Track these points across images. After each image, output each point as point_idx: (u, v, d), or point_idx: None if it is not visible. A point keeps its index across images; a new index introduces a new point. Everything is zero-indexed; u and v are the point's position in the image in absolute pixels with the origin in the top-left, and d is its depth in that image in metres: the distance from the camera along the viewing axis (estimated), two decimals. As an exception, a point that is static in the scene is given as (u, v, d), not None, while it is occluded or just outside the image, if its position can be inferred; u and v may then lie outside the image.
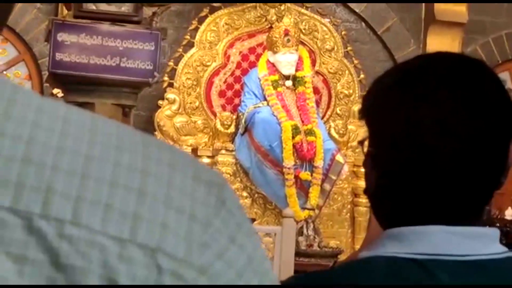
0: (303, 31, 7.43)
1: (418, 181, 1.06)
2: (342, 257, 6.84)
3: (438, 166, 1.05)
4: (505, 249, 1.09)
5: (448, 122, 1.04)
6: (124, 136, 0.54)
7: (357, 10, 7.81)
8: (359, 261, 1.11)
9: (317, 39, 7.51)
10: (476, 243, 1.07)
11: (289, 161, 6.83)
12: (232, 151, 7.03)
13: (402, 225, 1.07)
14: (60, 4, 6.44)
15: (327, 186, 6.94)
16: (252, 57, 7.37)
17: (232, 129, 7.05)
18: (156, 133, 7.01)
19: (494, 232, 1.11)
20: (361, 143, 1.17)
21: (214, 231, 0.52)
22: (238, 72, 7.36)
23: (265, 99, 7.02)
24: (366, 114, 1.14)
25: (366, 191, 1.14)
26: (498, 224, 2.78)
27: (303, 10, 7.53)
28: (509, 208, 7.52)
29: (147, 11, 5.72)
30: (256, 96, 7.06)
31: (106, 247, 0.49)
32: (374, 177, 1.11)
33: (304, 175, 6.85)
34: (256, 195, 7.08)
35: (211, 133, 7.18)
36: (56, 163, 0.50)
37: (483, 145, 1.06)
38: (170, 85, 7.25)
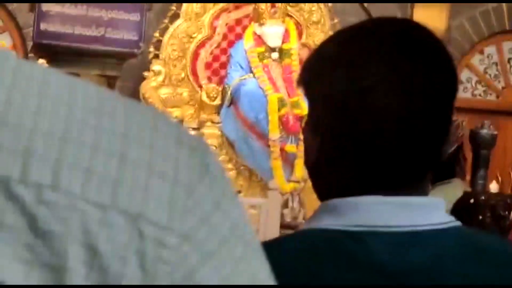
0: (290, 3, 7.38)
1: (357, 148, 1.03)
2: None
3: (374, 134, 1.02)
4: (448, 219, 1.06)
5: (380, 88, 1.01)
6: (104, 100, 0.52)
7: (344, -17, 7.77)
8: (294, 234, 1.10)
9: (304, 11, 7.48)
10: (413, 213, 1.04)
11: (274, 134, 6.82)
12: (218, 123, 7.01)
13: (338, 194, 1.04)
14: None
15: (312, 159, 6.93)
16: (238, 29, 7.33)
17: (218, 101, 7.03)
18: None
19: (435, 202, 1.07)
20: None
21: (198, 197, 0.51)
22: (224, 44, 7.32)
23: (251, 71, 7.00)
24: (306, 80, 1.10)
25: (306, 163, 1.12)
26: (483, 198, 2.80)
27: (290, -18, 7.48)
28: (494, 182, 7.56)
29: (133, -19, 5.68)
30: (242, 68, 7.03)
31: (86, 212, 0.47)
32: (314, 147, 1.08)
33: (290, 147, 6.85)
34: (241, 167, 7.07)
35: (196, 105, 7.15)
36: (34, 126, 0.48)
37: (419, 112, 1.03)
38: (156, 56, 7.21)
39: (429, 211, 1.05)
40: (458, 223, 1.07)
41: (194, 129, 6.97)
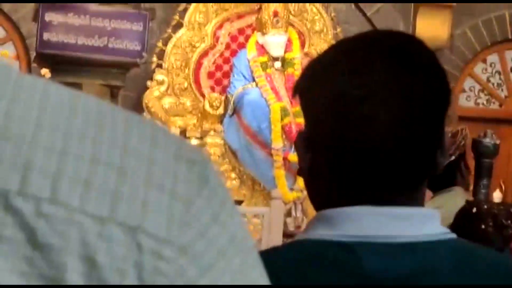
0: (293, 12, 7.39)
1: (349, 158, 1.04)
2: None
3: (370, 141, 1.02)
4: (442, 230, 1.06)
5: (380, 96, 1.02)
6: (104, 113, 0.52)
7: (346, -8, 7.78)
8: (289, 243, 1.10)
9: (307, 20, 7.48)
10: (406, 224, 1.04)
11: (277, 143, 6.82)
12: (220, 132, 7.01)
13: (330, 203, 1.05)
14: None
15: (315, 168, 6.93)
16: (241, 38, 7.34)
17: (221, 110, 7.03)
18: (144, 114, 6.98)
19: (429, 213, 1.07)
20: None
21: (196, 210, 0.51)
22: (227, 53, 7.33)
23: (254, 81, 7.00)
24: (298, 91, 1.12)
25: (299, 173, 1.12)
26: (485, 206, 2.79)
27: (292, -8, 7.49)
28: (497, 191, 7.55)
29: (136, -9, 5.69)
30: (245, 77, 7.04)
31: (85, 225, 0.48)
32: (307, 157, 1.09)
33: (293, 156, 6.84)
34: (244, 176, 7.07)
35: (199, 115, 7.15)
36: (34, 139, 0.48)
37: (416, 121, 1.03)
38: (159, 66, 7.22)
39: (423, 222, 1.05)
40: (453, 235, 1.07)
41: (197, 138, 6.98)
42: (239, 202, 6.64)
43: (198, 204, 0.51)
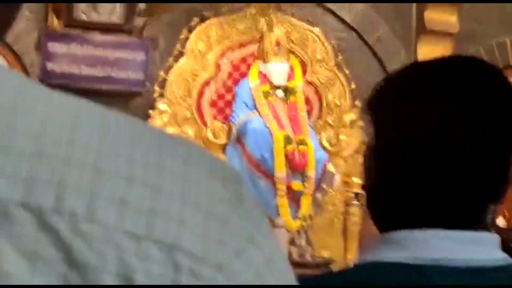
0: (294, 41, 7.42)
1: (418, 181, 1.05)
2: (334, 267, 6.82)
3: (441, 166, 1.03)
4: (505, 255, 1.07)
5: (453, 121, 1.03)
6: (136, 131, 0.52)
7: (347, 20, 7.81)
8: (357, 266, 1.10)
9: (308, 49, 7.51)
10: (474, 248, 1.04)
11: (281, 171, 6.82)
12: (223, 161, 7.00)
13: (399, 226, 1.05)
14: (50, 14, 6.42)
15: (319, 196, 6.93)
16: (243, 67, 7.36)
17: (223, 139, 7.04)
18: (147, 143, 6.98)
19: (494, 238, 1.09)
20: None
21: (232, 228, 0.50)
22: (229, 82, 7.34)
23: (256, 109, 7.01)
24: (371, 107, 1.13)
25: (364, 187, 1.13)
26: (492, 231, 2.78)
27: (294, 20, 7.53)
28: (500, 217, 7.54)
29: (138, 20, 5.71)
30: (247, 106, 7.05)
31: (121, 243, 0.47)
32: (374, 172, 1.09)
33: (296, 185, 6.84)
34: (247, 205, 7.05)
35: (202, 144, 7.15)
36: (68, 157, 0.48)
37: (488, 149, 1.04)
38: (161, 95, 7.23)
39: (489, 246, 1.06)
40: None
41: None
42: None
43: (233, 223, 0.51)
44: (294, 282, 0.54)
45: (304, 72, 7.41)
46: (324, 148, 7.15)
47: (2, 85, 0.49)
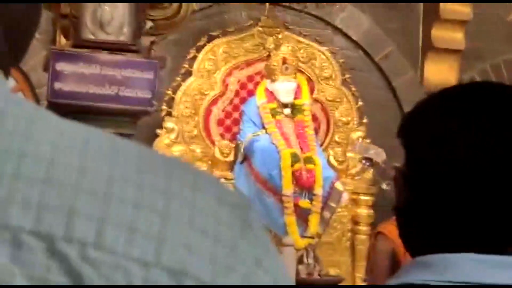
0: (301, 59, 7.44)
1: (451, 204, 1.06)
2: (342, 285, 6.81)
3: (472, 189, 1.05)
4: None
5: (484, 146, 1.05)
6: (145, 157, 0.53)
7: (354, 38, 7.83)
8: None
9: (315, 67, 7.53)
10: (509, 273, 1.05)
11: (288, 189, 6.81)
12: (231, 179, 7.01)
13: (430, 250, 1.06)
14: (58, 34, 6.46)
15: (326, 214, 6.91)
16: (250, 86, 7.38)
17: (231, 157, 7.04)
18: (154, 162, 6.98)
19: None
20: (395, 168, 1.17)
21: (240, 254, 0.51)
22: (236, 101, 7.36)
23: (263, 127, 7.02)
24: (402, 134, 1.15)
25: (394, 208, 1.15)
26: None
27: (301, 39, 7.55)
28: None
29: (146, 40, 5.73)
30: (254, 124, 7.06)
31: (130, 270, 0.47)
32: (404, 196, 1.11)
33: (304, 203, 6.83)
34: (255, 223, 7.04)
35: (210, 162, 7.16)
36: (78, 184, 0.48)
37: None
38: (168, 114, 7.25)
39: None
40: None
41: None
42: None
43: (241, 248, 0.51)
44: None
45: (312, 90, 7.42)
46: (331, 166, 7.15)
47: (15, 113, 0.50)
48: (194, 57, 7.35)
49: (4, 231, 0.46)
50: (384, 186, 6.25)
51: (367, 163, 6.49)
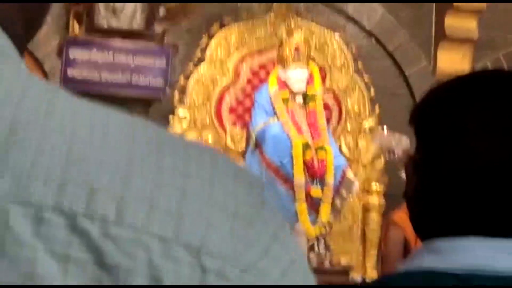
0: (313, 47, 7.43)
1: (460, 189, 1.06)
2: (353, 274, 6.82)
3: (482, 174, 1.05)
4: None
5: (495, 133, 1.05)
6: (163, 139, 0.54)
7: (367, 27, 7.82)
8: (398, 275, 1.11)
9: (328, 55, 7.52)
10: None
11: (299, 178, 6.81)
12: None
13: (439, 233, 1.07)
14: (71, 20, 6.47)
15: (338, 203, 6.92)
16: (262, 74, 7.37)
17: (243, 145, 7.05)
18: (166, 149, 6.99)
19: None
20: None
21: (258, 229, 0.52)
22: (248, 89, 7.36)
23: (275, 115, 7.02)
24: (414, 121, 1.16)
25: (405, 195, 1.15)
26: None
27: (313, 27, 7.53)
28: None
29: (158, 27, 5.74)
30: (266, 112, 7.05)
31: (150, 246, 0.48)
32: (415, 182, 1.12)
33: (315, 191, 6.83)
34: (266, 211, 7.05)
35: (221, 150, 7.17)
36: (99, 162, 0.49)
37: None
38: (181, 101, 7.26)
39: None
40: None
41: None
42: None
43: (259, 224, 0.52)
44: (315, 282, 0.56)
45: (324, 78, 7.40)
46: (343, 154, 7.15)
47: (36, 92, 0.51)
48: (207, 45, 7.35)
49: (27, 207, 0.47)
50: (402, 174, 6.24)
51: (391, 155, 6.46)
